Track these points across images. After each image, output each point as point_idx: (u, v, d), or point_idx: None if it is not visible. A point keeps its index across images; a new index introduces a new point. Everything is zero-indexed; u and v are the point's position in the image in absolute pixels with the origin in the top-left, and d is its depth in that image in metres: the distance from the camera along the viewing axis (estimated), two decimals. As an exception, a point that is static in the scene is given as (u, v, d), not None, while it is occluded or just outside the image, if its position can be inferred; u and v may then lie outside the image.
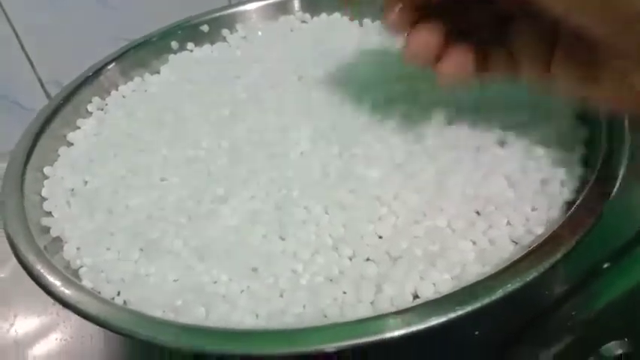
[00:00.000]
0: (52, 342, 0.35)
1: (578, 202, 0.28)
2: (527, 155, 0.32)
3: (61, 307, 0.33)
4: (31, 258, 0.29)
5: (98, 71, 0.43)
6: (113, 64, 0.44)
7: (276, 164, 0.33)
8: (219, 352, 0.22)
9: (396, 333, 0.23)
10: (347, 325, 0.24)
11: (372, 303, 0.27)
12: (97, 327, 0.26)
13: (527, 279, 0.24)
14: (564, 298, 0.32)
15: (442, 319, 0.23)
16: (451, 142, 0.33)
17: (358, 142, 0.34)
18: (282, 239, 0.30)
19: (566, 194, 0.30)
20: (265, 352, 0.22)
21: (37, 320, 0.36)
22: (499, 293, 0.23)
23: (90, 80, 0.42)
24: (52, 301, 0.27)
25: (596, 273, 0.28)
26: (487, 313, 0.23)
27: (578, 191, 0.30)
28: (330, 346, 0.22)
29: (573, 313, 0.30)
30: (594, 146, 0.32)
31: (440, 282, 0.27)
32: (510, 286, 0.23)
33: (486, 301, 0.23)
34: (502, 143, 0.33)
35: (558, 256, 0.24)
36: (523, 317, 0.31)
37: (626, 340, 0.28)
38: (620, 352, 0.28)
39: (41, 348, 0.34)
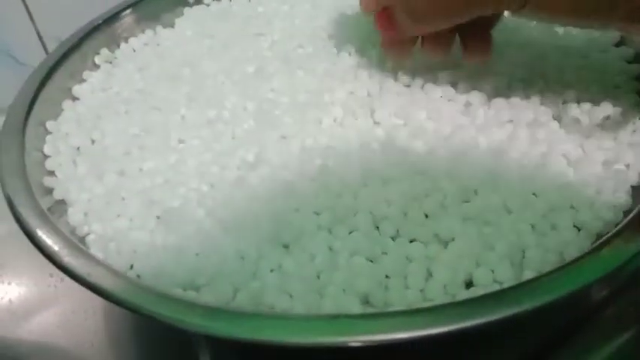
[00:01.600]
0: (50, 315, 0.31)
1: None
2: (587, 133, 0.29)
3: (60, 277, 0.30)
4: (32, 221, 0.25)
5: (107, 21, 0.39)
6: (124, 14, 0.40)
7: (309, 130, 0.30)
8: (262, 341, 0.19)
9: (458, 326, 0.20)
10: (401, 315, 0.21)
11: (421, 290, 0.24)
12: (100, 301, 0.23)
13: (610, 270, 0.21)
14: (617, 293, 0.29)
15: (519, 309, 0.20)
16: (503, 115, 0.30)
17: (399, 110, 0.30)
18: (317, 214, 0.26)
19: (634, 177, 0.27)
20: (310, 341, 0.19)
21: (35, 290, 0.32)
22: (579, 284, 0.20)
23: (98, 30, 0.38)
24: (50, 270, 0.24)
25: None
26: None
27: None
28: (390, 337, 0.19)
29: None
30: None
31: (499, 269, 0.24)
32: (594, 277, 0.20)
33: (563, 293, 0.20)
34: (559, 118, 0.30)
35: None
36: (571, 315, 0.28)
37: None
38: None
39: (38, 321, 0.31)
